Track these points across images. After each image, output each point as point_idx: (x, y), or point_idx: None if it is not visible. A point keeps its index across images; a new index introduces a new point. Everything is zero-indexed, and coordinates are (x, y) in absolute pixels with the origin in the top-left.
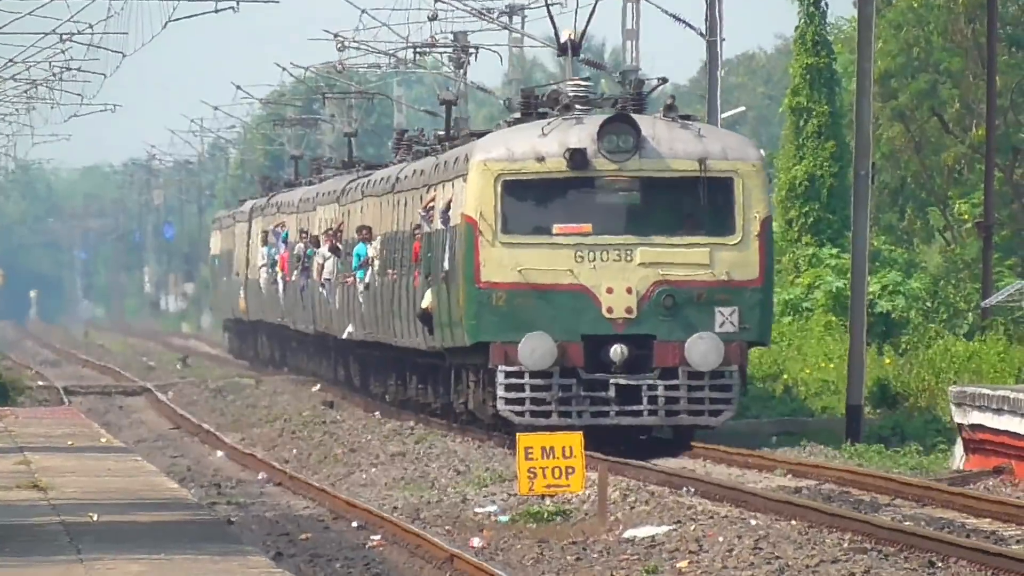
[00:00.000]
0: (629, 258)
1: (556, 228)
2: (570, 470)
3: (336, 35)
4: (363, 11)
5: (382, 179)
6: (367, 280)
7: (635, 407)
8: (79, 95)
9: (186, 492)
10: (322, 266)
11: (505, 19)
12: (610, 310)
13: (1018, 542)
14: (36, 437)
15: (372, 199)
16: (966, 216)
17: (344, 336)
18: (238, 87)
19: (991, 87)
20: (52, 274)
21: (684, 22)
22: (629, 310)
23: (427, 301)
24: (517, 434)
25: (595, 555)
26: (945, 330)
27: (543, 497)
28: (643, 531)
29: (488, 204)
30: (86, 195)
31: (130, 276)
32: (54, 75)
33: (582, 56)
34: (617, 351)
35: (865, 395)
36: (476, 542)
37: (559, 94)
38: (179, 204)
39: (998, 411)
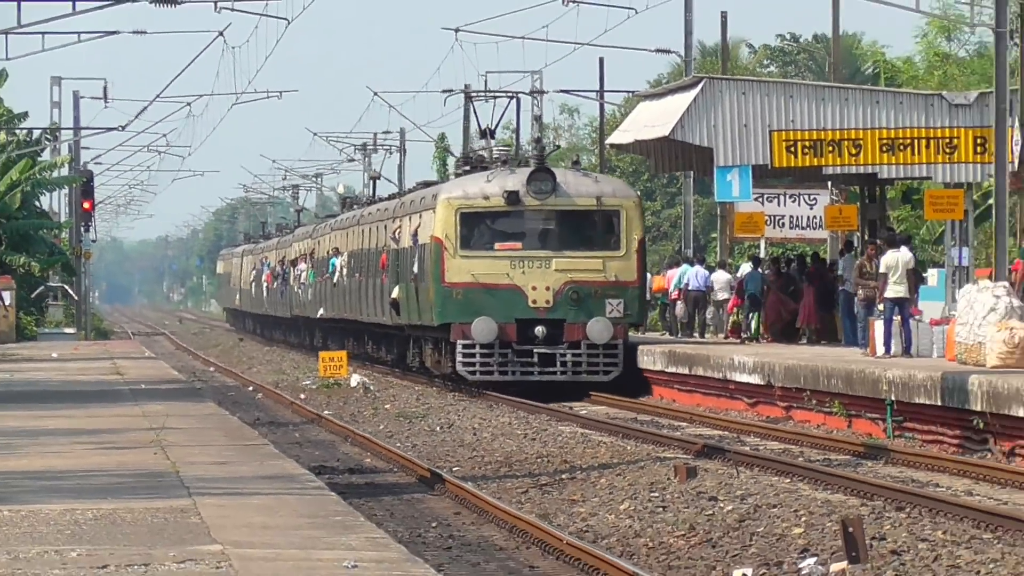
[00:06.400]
0: (548, 266)
1: (497, 246)
2: (340, 366)
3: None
4: (274, 161)
5: (346, 219)
6: (336, 279)
7: (551, 368)
8: (142, 204)
9: (180, 376)
10: (299, 275)
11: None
12: (534, 302)
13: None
14: (118, 352)
15: (339, 232)
16: None
17: (318, 315)
18: (203, 207)
19: None
20: (124, 284)
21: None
22: (548, 302)
23: (396, 293)
24: (320, 352)
25: (353, 400)
26: None
27: (330, 377)
28: (379, 395)
29: (450, 228)
30: (140, 252)
31: (157, 285)
32: (127, 204)
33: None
34: (539, 330)
35: None
36: (302, 396)
37: (484, 157)
38: (178, 255)
39: None
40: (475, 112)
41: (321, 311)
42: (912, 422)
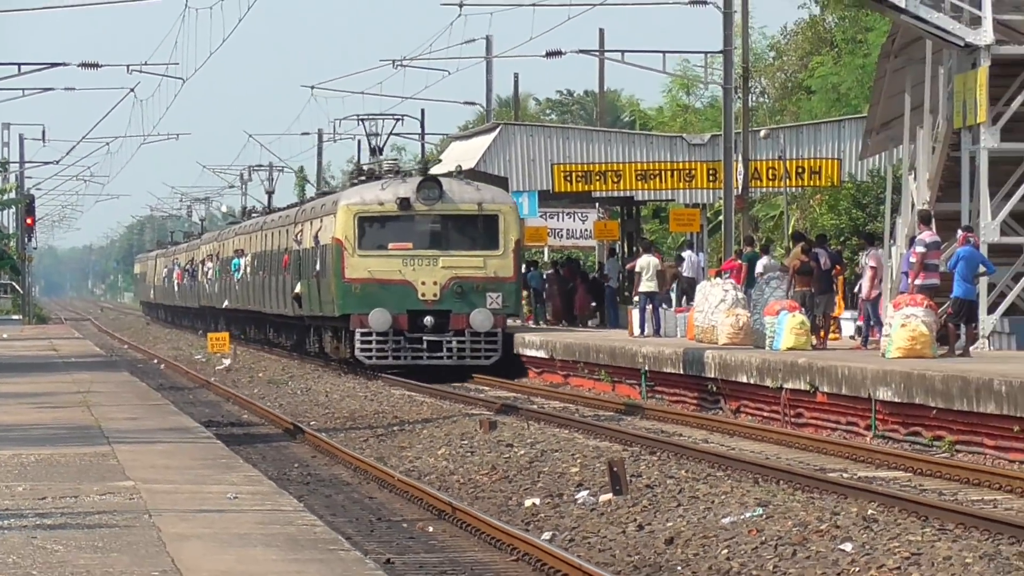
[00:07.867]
0: (435, 264)
1: (391, 246)
2: (224, 344)
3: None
4: (172, 187)
5: (249, 225)
6: (240, 276)
7: (439, 354)
8: (72, 220)
9: (102, 351)
10: (207, 272)
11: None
12: (423, 295)
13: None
14: (54, 334)
15: (243, 235)
16: None
17: (223, 306)
18: (118, 222)
19: None
20: (58, 282)
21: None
22: (435, 295)
23: (299, 288)
24: (208, 333)
25: (233, 371)
26: None
27: (216, 353)
28: (253, 366)
29: (349, 231)
30: (70, 257)
31: (84, 282)
32: (60, 220)
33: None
34: (428, 320)
35: None
36: (195, 367)
37: (380, 168)
38: (99, 259)
39: None
40: (367, 135)
41: (226, 302)
42: (661, 386)
